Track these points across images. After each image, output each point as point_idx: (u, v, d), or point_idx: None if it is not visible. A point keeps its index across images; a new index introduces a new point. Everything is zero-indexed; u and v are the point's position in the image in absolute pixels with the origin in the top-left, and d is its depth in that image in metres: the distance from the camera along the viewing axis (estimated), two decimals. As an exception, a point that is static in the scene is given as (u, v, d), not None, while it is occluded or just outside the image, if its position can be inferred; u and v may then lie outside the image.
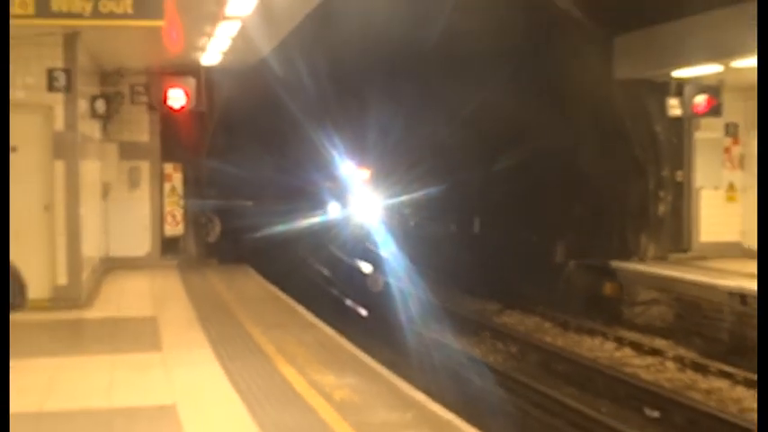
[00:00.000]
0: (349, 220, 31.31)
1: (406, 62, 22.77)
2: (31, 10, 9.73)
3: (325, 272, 26.41)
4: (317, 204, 31.65)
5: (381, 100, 24.35)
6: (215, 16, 13.71)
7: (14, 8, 9.70)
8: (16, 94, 14.40)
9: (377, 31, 20.16)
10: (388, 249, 25.59)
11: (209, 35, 15.64)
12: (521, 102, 21.30)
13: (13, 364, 10.21)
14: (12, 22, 9.83)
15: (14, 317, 8.94)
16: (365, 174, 32.31)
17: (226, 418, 8.29)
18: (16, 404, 8.54)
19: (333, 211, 32.23)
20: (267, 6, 12.57)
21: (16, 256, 8.52)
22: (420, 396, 9.25)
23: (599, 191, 21.41)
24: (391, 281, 22.43)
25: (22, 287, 8.32)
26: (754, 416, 12.22)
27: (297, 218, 29.08)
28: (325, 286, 23.91)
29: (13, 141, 14.30)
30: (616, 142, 20.72)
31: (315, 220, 30.40)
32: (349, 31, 19.00)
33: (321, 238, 29.75)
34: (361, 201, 31.65)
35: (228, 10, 12.90)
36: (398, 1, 18.44)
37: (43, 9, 9.71)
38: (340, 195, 32.27)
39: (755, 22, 16.08)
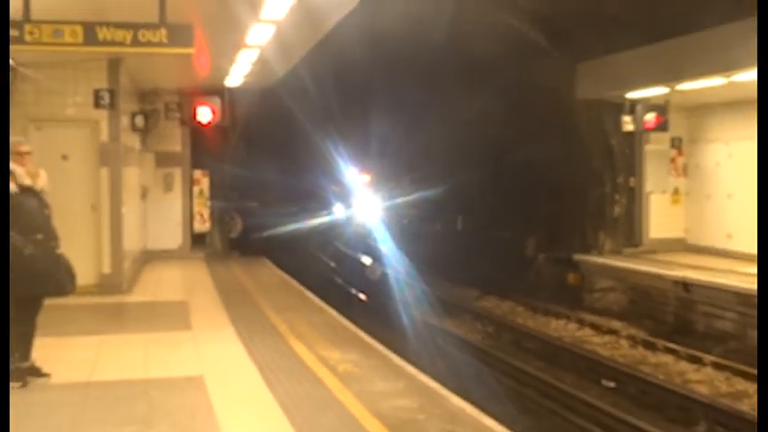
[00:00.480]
0: (352, 219, 31.30)
1: (403, 82, 22.80)
2: (80, 39, 9.69)
3: (332, 264, 26.40)
4: (324, 205, 31.64)
5: (380, 114, 24.36)
6: (237, 45, 13.72)
7: (66, 37, 9.68)
8: (68, 110, 14.47)
9: (376, 53, 20.16)
10: (386, 244, 25.60)
11: (232, 61, 15.66)
12: (498, 118, 21.31)
13: (64, 341, 10.30)
14: (63, 49, 9.84)
15: (66, 300, 8.96)
16: (366, 178, 32.30)
17: (246, 387, 8.31)
18: (68, 375, 8.60)
19: (338, 212, 32.22)
20: (281, 37, 12.58)
21: (68, 249, 8.54)
22: (411, 369, 9.28)
23: (564, 195, 21.43)
24: (388, 271, 22.44)
25: (72, 276, 8.31)
26: (696, 386, 12.26)
27: (307, 217, 29.08)
28: (332, 276, 23.90)
29: (64, 151, 14.40)
30: (578, 153, 20.75)
31: (322, 219, 30.40)
32: (351, 54, 18.96)
33: (328, 235, 29.74)
34: (362, 202, 31.63)
35: (248, 40, 12.91)
36: (397, 25, 18.42)
37: (91, 38, 9.68)
38: (344, 198, 32.25)
39: (697, 51, 16.00)
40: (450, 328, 16.69)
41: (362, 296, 20.80)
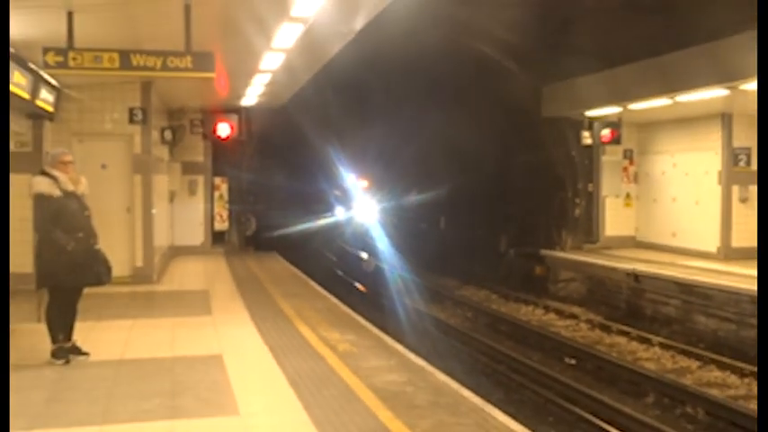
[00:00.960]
0: (352, 220, 31.28)
1: (395, 101, 22.79)
2: (116, 65, 9.63)
3: (334, 258, 26.36)
4: (327, 208, 31.62)
5: (375, 128, 24.34)
6: (252, 70, 13.69)
7: (104, 63, 9.61)
8: (106, 126, 14.43)
9: (372, 77, 20.12)
10: (381, 241, 25.59)
11: (248, 84, 15.61)
12: (475, 133, 21.25)
13: (101, 324, 10.23)
14: (102, 73, 9.78)
15: (104, 289, 8.91)
16: (364, 184, 32.27)
17: (259, 363, 8.26)
18: (103, 354, 8.54)
19: (339, 213, 32.20)
20: (290, 64, 12.55)
21: (106, 245, 8.48)
22: (400, 348, 9.23)
23: (532, 199, 21.42)
24: (383, 264, 22.41)
25: (108, 268, 8.27)
26: (646, 363, 12.24)
27: (312, 218, 29.04)
28: (333, 268, 23.85)
29: (103, 161, 14.36)
30: (544, 163, 20.73)
31: (326, 220, 30.39)
32: (349, 78, 18.88)
33: (330, 233, 29.71)
34: (361, 205, 31.62)
35: (262, 65, 12.88)
36: (391, 52, 18.39)
37: (126, 64, 9.62)
38: (345, 201, 32.24)
39: (645, 75, 15.93)
40: (434, 313, 16.65)
41: (359, 285, 20.74)
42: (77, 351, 8.27)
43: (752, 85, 13.44)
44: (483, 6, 17.63)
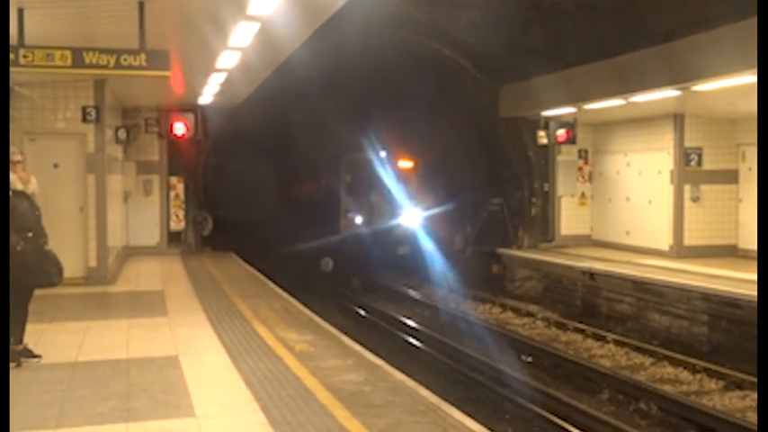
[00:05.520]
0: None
1: (351, 102, 22.64)
2: (69, 62, 9.53)
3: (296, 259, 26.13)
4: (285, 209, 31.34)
5: (334, 125, 24.18)
6: (208, 68, 13.59)
7: (56, 61, 9.50)
8: (58, 124, 14.23)
9: (322, 77, 20.04)
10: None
11: (204, 83, 15.50)
12: (433, 134, 21.30)
13: (54, 326, 10.07)
14: (54, 71, 9.67)
15: (57, 290, 8.79)
16: (313, 184, 31.91)
17: (215, 365, 8.22)
18: (57, 356, 8.41)
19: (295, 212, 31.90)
20: (246, 62, 12.48)
21: (59, 245, 8.40)
22: (358, 347, 9.24)
23: (489, 197, 21.53)
24: (342, 265, 22.30)
25: (59, 269, 8.19)
26: (601, 360, 12.41)
27: (272, 217, 28.90)
28: (293, 269, 23.70)
29: (56, 160, 14.16)
30: (501, 162, 20.89)
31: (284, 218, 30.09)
32: (304, 77, 18.80)
33: (291, 234, 29.37)
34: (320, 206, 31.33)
35: (218, 64, 12.80)
36: (347, 52, 18.37)
37: (78, 62, 9.52)
38: (298, 202, 31.88)
39: (599, 77, 16.17)
40: (392, 312, 16.67)
41: (319, 285, 20.63)
42: (29, 354, 8.15)
43: (703, 86, 13.72)
44: (441, 7, 17.76)
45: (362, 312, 16.84)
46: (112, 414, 6.41)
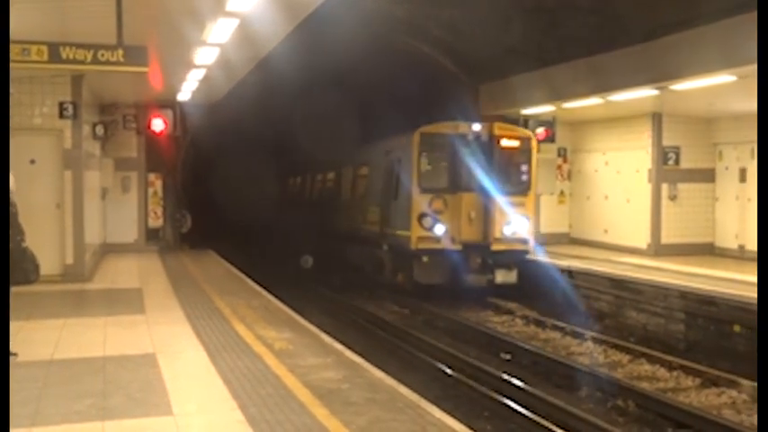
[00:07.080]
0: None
1: (331, 99, 22.58)
2: (45, 57, 9.45)
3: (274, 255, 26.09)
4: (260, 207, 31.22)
5: (314, 123, 24.15)
6: (187, 65, 13.53)
7: (32, 55, 9.41)
8: (35, 120, 14.10)
9: (303, 73, 20.02)
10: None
11: (183, 79, 15.42)
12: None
13: (30, 324, 9.98)
14: (30, 66, 9.57)
15: (32, 287, 8.71)
16: (288, 183, 31.82)
17: (193, 362, 8.18)
18: (33, 354, 8.34)
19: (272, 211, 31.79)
20: (225, 59, 12.44)
21: (35, 242, 8.31)
22: (338, 346, 9.23)
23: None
24: (320, 264, 22.26)
25: (36, 266, 8.11)
26: (579, 357, 12.47)
27: (252, 213, 28.79)
28: (272, 265, 23.64)
29: (32, 156, 14.02)
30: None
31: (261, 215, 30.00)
32: (284, 74, 18.77)
33: (272, 230, 29.29)
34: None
35: (196, 60, 12.74)
36: (328, 47, 18.34)
37: (55, 57, 9.44)
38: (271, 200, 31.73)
39: (577, 75, 16.18)
40: (372, 310, 16.66)
41: (297, 282, 20.58)
42: (4, 352, 8.06)
43: (681, 86, 13.84)
44: (422, 5, 17.76)
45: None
46: (89, 412, 6.35)
